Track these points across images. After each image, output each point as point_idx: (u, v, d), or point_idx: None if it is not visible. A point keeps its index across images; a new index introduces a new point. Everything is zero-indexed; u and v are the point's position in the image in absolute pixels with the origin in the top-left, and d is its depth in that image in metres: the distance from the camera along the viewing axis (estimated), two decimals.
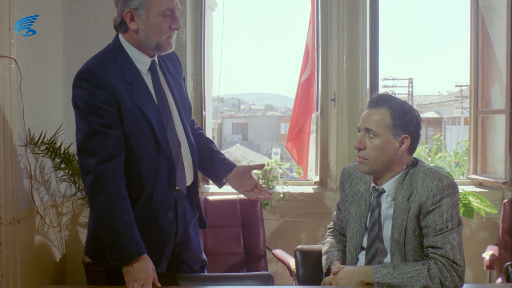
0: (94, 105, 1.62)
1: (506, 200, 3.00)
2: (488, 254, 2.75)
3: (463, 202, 2.92)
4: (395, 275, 1.66)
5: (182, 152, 1.78)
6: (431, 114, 22.01)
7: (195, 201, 1.88)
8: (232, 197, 2.88)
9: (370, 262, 1.79)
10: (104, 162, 1.61)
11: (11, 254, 2.48)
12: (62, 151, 2.90)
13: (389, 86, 22.59)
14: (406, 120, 1.74)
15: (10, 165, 2.48)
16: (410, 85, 23.76)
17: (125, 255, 1.61)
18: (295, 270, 2.09)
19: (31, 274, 2.74)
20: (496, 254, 2.78)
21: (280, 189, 3.36)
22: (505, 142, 3.24)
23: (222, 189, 1.98)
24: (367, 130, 1.75)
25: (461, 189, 2.82)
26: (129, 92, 1.66)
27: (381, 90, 3.71)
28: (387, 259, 1.77)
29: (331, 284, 1.75)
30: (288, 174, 3.91)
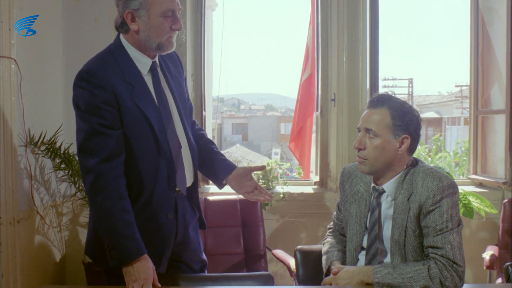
0: (95, 105, 1.62)
1: (506, 200, 3.00)
2: (488, 254, 2.74)
3: (463, 202, 2.92)
4: (395, 275, 1.66)
5: (182, 153, 1.78)
6: (431, 114, 22.00)
7: (195, 202, 1.88)
8: (232, 197, 2.87)
9: (370, 262, 1.79)
10: (104, 162, 1.61)
11: (11, 254, 2.48)
12: (62, 151, 2.90)
13: (389, 86, 22.60)
14: (406, 120, 1.74)
15: (10, 165, 2.48)
16: (410, 85, 23.75)
17: (125, 255, 1.61)
18: (295, 270, 2.09)
19: (31, 274, 2.74)
20: (496, 254, 2.78)
21: (280, 189, 3.36)
22: (505, 142, 3.24)
23: (222, 189, 1.98)
24: (367, 130, 1.75)
25: (461, 189, 2.82)
26: (129, 92, 1.67)
27: (381, 90, 3.73)
28: (387, 259, 1.77)
29: (331, 284, 1.75)
30: (288, 174, 3.91)
